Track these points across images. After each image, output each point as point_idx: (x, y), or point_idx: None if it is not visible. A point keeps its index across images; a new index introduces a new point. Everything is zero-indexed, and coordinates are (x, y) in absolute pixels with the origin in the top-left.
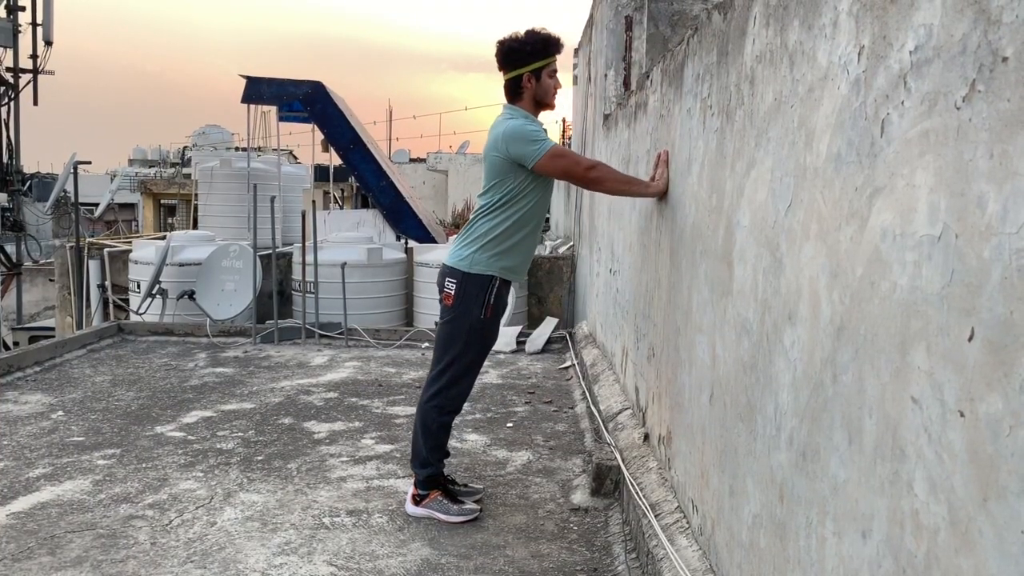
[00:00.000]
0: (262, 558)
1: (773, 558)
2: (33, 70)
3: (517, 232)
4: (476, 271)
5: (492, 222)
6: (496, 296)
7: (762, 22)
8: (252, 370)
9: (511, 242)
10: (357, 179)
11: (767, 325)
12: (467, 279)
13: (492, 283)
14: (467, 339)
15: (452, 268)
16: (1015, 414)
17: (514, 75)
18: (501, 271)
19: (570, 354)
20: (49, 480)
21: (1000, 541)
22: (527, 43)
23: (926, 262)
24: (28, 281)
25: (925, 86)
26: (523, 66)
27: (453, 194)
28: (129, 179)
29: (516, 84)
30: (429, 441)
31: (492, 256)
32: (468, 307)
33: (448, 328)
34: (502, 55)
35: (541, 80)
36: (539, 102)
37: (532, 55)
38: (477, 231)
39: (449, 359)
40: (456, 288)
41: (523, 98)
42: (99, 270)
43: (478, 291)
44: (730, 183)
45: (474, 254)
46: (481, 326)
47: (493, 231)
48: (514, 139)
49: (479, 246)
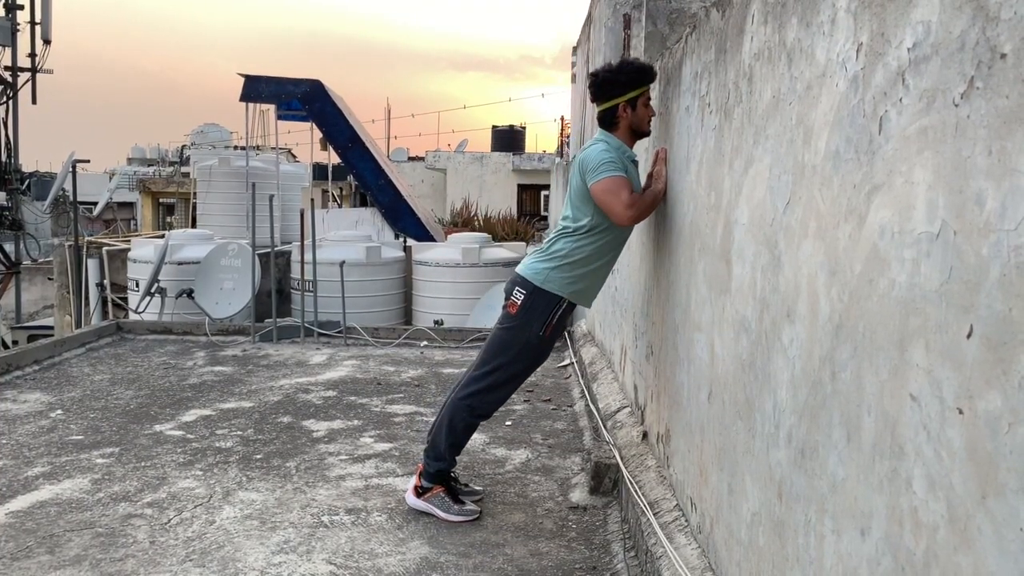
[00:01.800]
0: (261, 556)
1: (772, 556)
2: (31, 69)
3: (596, 260)
4: (547, 288)
5: (575, 244)
6: (560, 317)
7: (760, 20)
8: (251, 369)
9: (588, 268)
10: (356, 177)
11: (765, 323)
12: (537, 293)
13: (560, 304)
14: (520, 351)
15: (524, 279)
16: (1014, 411)
17: (609, 106)
18: (572, 295)
19: (569, 352)
20: (48, 479)
21: (999, 538)
22: (621, 73)
23: (924, 259)
24: (27, 280)
25: (923, 83)
26: (618, 97)
27: (452, 192)
28: (128, 178)
29: (612, 114)
30: (451, 437)
31: (567, 278)
32: (530, 321)
33: (505, 335)
34: (596, 87)
35: (636, 109)
36: (635, 131)
37: (627, 85)
38: (558, 250)
39: (496, 364)
40: (524, 299)
41: (619, 128)
42: (98, 269)
43: (544, 308)
44: (728, 181)
45: (550, 271)
46: (538, 342)
47: (573, 254)
48: (586, 161)
49: (556, 265)
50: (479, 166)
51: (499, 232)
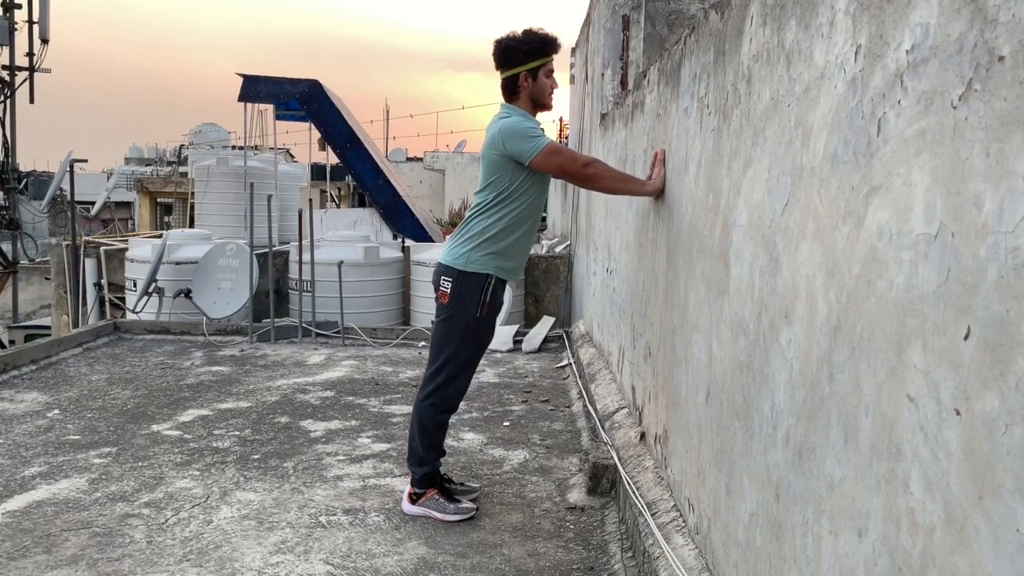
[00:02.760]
0: (258, 557)
1: (769, 557)
2: (29, 68)
3: (513, 231)
4: (472, 269)
5: (488, 220)
6: (492, 294)
7: (759, 21)
8: (248, 369)
9: (507, 241)
10: (354, 178)
11: (764, 324)
12: (463, 277)
13: (488, 281)
14: (463, 337)
15: (448, 266)
16: (1011, 412)
17: (511, 74)
18: (497, 270)
19: (567, 353)
20: (45, 479)
21: (996, 539)
22: (524, 42)
23: (922, 261)
24: (24, 279)
25: (922, 85)
26: (520, 65)
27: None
28: (125, 177)
29: (513, 83)
30: (425, 439)
31: (487, 255)
32: (464, 305)
33: (444, 326)
34: (499, 54)
35: (538, 79)
36: (536, 102)
37: (529, 54)
38: (473, 229)
39: (445, 357)
40: (452, 286)
41: (520, 97)
42: (95, 268)
43: (474, 289)
44: (727, 182)
45: (469, 252)
46: (477, 324)
47: (489, 230)
48: (511, 136)
49: (475, 244)
50: (477, 167)
51: None
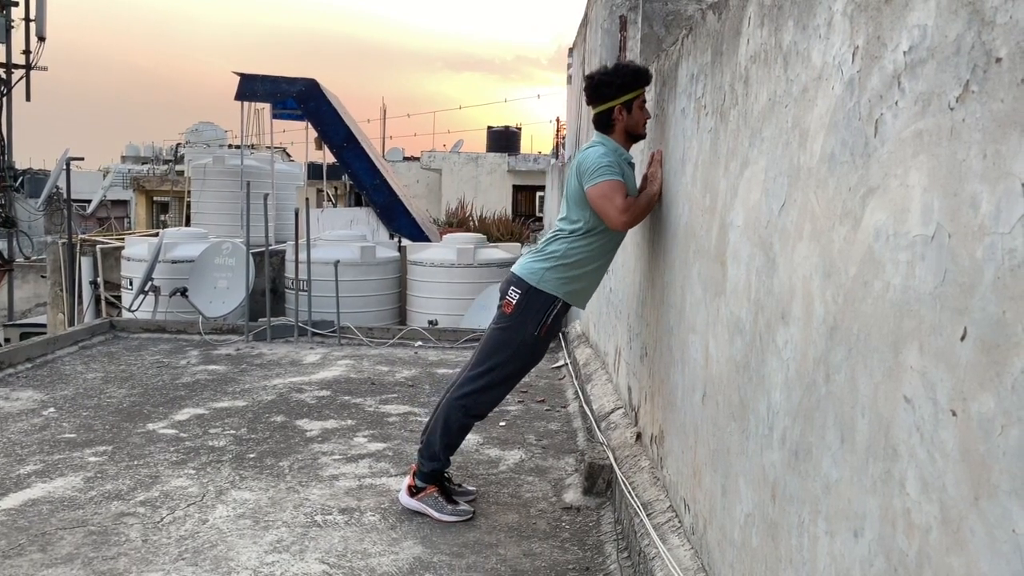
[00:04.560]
0: (254, 556)
1: (765, 557)
2: (26, 66)
3: (591, 262)
4: (543, 288)
5: (569, 246)
6: (555, 317)
7: (756, 22)
8: (244, 368)
9: (584, 270)
10: (351, 177)
11: (760, 325)
12: (532, 293)
13: (555, 304)
14: (515, 351)
15: (520, 279)
16: (1007, 413)
17: (604, 108)
18: (566, 295)
19: (563, 353)
20: (40, 477)
21: (991, 540)
22: (617, 76)
23: (919, 262)
24: (20, 277)
25: (919, 86)
26: (613, 100)
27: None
28: (122, 176)
29: (607, 117)
30: (446, 438)
31: (562, 279)
32: (525, 321)
33: (500, 335)
34: (592, 89)
35: (632, 112)
36: (630, 134)
37: (622, 88)
38: (554, 251)
39: (492, 364)
40: (519, 299)
41: (615, 130)
42: (91, 267)
43: (539, 308)
44: (724, 183)
45: (545, 271)
46: (533, 342)
47: (570, 256)
48: (584, 164)
49: (551, 265)
50: (474, 167)
51: (494, 233)
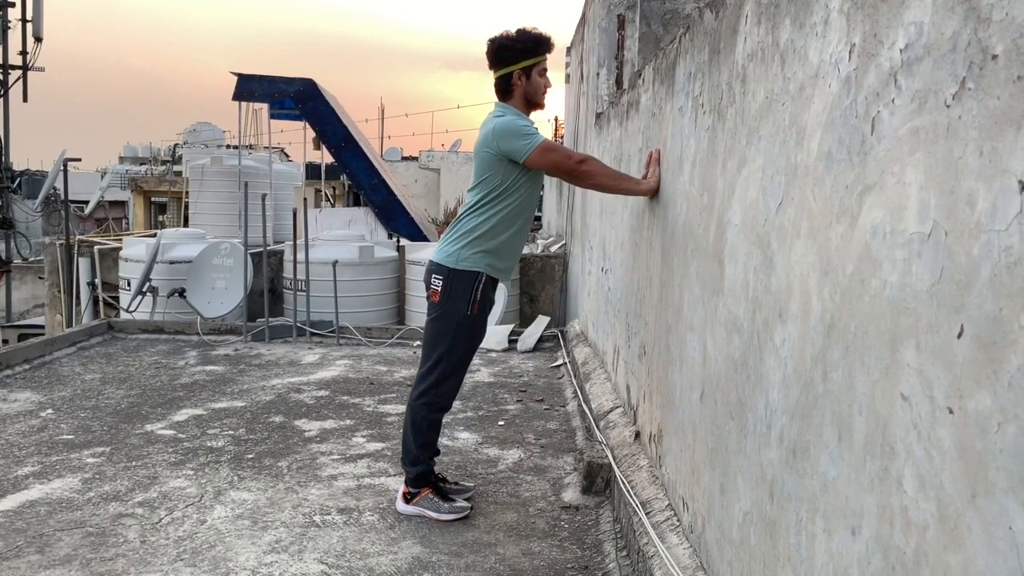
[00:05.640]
0: (252, 556)
1: (763, 555)
2: (23, 66)
3: (505, 230)
4: (462, 267)
5: (479, 218)
6: (483, 292)
7: (754, 20)
8: (243, 368)
9: (498, 240)
10: (349, 177)
11: (758, 323)
12: (453, 275)
13: (479, 279)
14: (455, 335)
15: (439, 265)
16: (1004, 411)
17: (504, 72)
18: (487, 268)
19: (562, 352)
20: (38, 478)
21: (988, 537)
22: (518, 41)
23: (916, 259)
24: (17, 279)
25: (916, 84)
26: (513, 64)
27: (445, 192)
28: (120, 176)
29: (506, 82)
30: (419, 439)
31: (478, 253)
32: (455, 303)
33: (435, 325)
34: (493, 52)
35: (531, 78)
36: (529, 100)
37: (523, 53)
38: (464, 227)
39: (437, 356)
40: (443, 284)
41: (513, 96)
42: (89, 268)
43: (464, 287)
44: (721, 181)
45: (460, 250)
46: (469, 322)
47: (480, 228)
48: (505, 134)
49: (466, 242)
50: (472, 166)
51: None
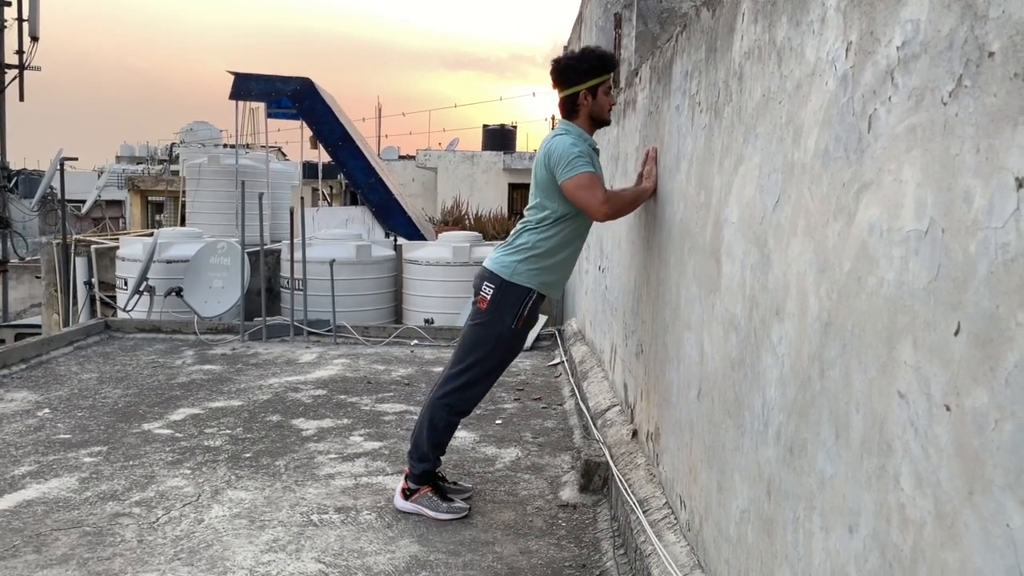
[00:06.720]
0: (250, 555)
1: (760, 553)
2: (19, 66)
3: (562, 250)
4: (516, 281)
5: (538, 236)
6: (531, 309)
7: (750, 18)
8: (240, 367)
9: (554, 259)
10: (346, 176)
11: (755, 321)
12: (506, 287)
13: (529, 295)
14: (494, 345)
15: (492, 273)
16: (1001, 408)
17: (570, 92)
18: (540, 285)
19: (559, 351)
20: (35, 478)
21: (985, 534)
22: (583, 61)
23: (913, 257)
24: (14, 278)
25: (912, 81)
26: (579, 84)
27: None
28: (116, 176)
29: (572, 102)
30: (433, 438)
31: (534, 269)
32: (502, 314)
33: (477, 331)
34: (558, 73)
35: (597, 97)
36: (595, 119)
37: (588, 73)
38: (524, 242)
39: (471, 361)
40: (493, 294)
41: (579, 115)
42: (86, 267)
43: (514, 301)
44: (718, 180)
45: (517, 264)
46: (511, 335)
47: (540, 245)
48: (555, 157)
49: (523, 257)
50: (470, 165)
51: (490, 231)
